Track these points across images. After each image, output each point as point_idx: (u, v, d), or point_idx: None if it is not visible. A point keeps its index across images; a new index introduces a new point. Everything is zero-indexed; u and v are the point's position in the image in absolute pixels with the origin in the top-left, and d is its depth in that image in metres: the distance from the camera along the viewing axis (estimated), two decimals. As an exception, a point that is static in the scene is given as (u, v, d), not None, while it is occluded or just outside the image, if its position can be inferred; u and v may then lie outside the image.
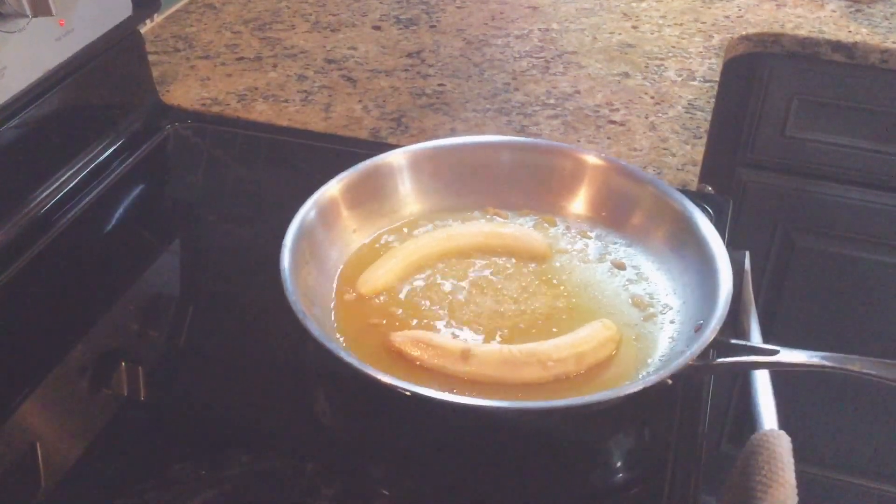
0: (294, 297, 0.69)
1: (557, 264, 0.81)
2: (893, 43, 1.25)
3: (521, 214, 0.86)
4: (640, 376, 0.68)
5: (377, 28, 1.25)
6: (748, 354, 0.68)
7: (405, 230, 0.84)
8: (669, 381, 0.65)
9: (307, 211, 0.79)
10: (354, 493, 0.62)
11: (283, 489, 0.61)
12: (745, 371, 0.73)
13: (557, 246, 0.83)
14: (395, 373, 0.67)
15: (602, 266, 0.80)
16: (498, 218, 0.86)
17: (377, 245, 0.82)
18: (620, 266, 0.80)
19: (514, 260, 0.81)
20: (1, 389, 0.70)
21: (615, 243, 0.82)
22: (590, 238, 0.83)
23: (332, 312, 0.75)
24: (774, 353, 0.66)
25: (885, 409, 1.51)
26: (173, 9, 1.28)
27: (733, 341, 0.68)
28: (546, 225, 0.85)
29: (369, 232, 0.83)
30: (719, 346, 0.67)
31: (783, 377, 0.76)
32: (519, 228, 0.84)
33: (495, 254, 0.81)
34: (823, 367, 0.65)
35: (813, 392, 1.51)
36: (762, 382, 0.75)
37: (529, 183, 0.87)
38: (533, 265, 0.80)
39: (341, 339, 0.72)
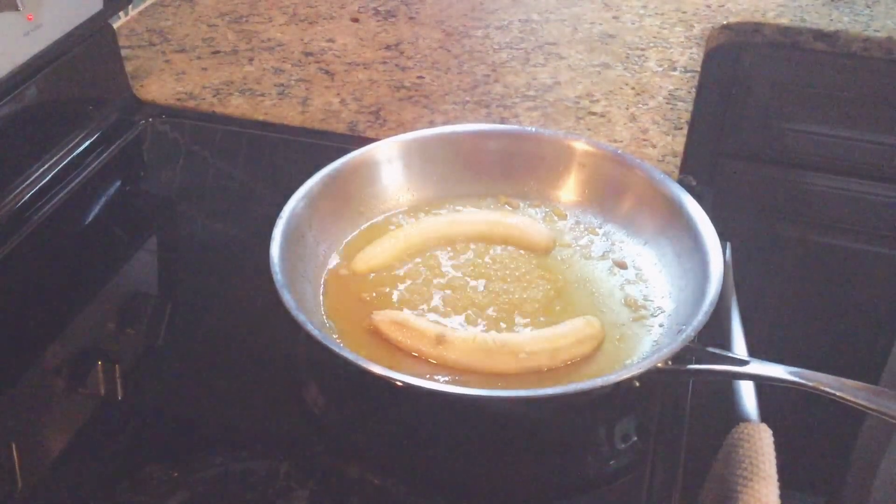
0: (277, 269, 0.69)
1: (558, 258, 0.80)
2: (875, 31, 1.24)
3: (534, 206, 0.86)
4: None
5: (355, 20, 1.24)
6: (720, 363, 0.67)
7: (418, 214, 0.84)
8: (637, 384, 0.65)
9: (312, 184, 0.79)
10: (328, 494, 0.61)
11: (256, 490, 0.61)
12: (715, 379, 0.72)
13: (562, 240, 0.82)
14: (370, 351, 0.67)
15: (603, 263, 0.79)
16: (508, 207, 0.85)
17: (384, 228, 0.82)
18: (622, 265, 0.79)
19: (514, 249, 0.80)
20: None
21: (622, 242, 0.81)
22: (597, 235, 0.82)
23: (322, 286, 0.75)
24: (745, 363, 0.66)
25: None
26: (149, 2, 1.27)
27: (709, 349, 0.67)
28: (556, 218, 0.84)
29: (374, 215, 0.83)
30: (696, 352, 0.67)
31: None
32: (523, 219, 0.83)
33: (497, 242, 0.81)
34: (793, 383, 0.64)
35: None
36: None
37: (539, 173, 0.86)
38: (533, 256, 0.79)
39: (324, 312, 0.72)
